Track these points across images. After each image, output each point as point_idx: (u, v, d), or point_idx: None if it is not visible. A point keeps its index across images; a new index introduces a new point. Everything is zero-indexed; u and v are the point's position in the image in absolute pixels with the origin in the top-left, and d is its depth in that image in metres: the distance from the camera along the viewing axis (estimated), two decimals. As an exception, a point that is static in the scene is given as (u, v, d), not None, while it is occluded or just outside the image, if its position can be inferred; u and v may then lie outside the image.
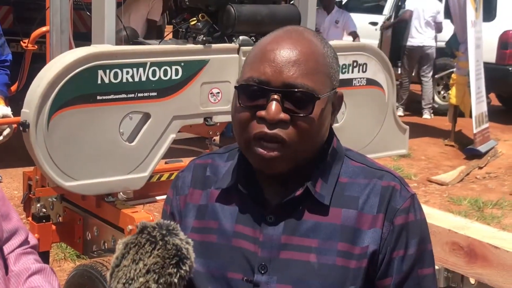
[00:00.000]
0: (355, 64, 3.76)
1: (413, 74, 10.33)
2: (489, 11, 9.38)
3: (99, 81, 3.01)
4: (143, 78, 3.12)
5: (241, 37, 3.42)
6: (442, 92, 10.38)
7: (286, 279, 1.42)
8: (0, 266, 1.57)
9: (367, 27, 11.09)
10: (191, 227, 1.52)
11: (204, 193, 1.54)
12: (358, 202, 1.44)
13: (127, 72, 3.07)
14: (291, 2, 3.84)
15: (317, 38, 1.47)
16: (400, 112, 9.61)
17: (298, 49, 1.41)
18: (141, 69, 3.11)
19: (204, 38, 3.32)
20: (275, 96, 1.38)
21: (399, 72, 10.01)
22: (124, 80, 3.07)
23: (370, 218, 1.43)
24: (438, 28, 9.91)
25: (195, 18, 3.39)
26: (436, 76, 10.34)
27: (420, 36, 9.89)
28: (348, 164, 1.50)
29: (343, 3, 11.73)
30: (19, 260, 1.70)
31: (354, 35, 9.07)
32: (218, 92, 3.36)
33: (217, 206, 1.51)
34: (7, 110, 3.48)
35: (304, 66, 1.40)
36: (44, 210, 3.67)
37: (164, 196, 1.72)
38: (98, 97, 3.02)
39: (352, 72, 3.75)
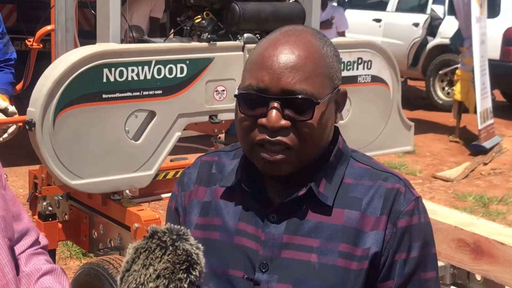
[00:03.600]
0: (360, 61, 3.75)
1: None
2: (493, 8, 9.36)
3: (104, 80, 3.02)
4: (148, 76, 3.12)
5: (245, 35, 3.42)
6: (446, 88, 10.36)
7: (286, 278, 1.41)
8: (11, 267, 1.56)
9: (371, 23, 11.08)
10: (194, 224, 1.52)
11: (209, 190, 1.54)
12: (362, 204, 1.43)
13: (132, 70, 3.08)
14: (295, -1, 3.83)
15: (316, 38, 1.44)
16: None
17: (296, 53, 1.39)
18: (146, 67, 3.11)
19: (209, 36, 3.33)
20: (275, 104, 1.37)
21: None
22: (130, 79, 3.08)
23: (373, 220, 1.41)
24: None
25: (199, 16, 3.38)
26: (440, 72, 10.33)
27: None
28: (353, 165, 1.48)
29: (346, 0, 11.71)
30: (30, 261, 1.69)
31: (343, 36, 8.87)
32: (223, 90, 3.36)
33: (221, 203, 1.51)
34: (12, 109, 3.48)
35: (302, 70, 1.38)
36: (50, 208, 3.67)
37: (170, 194, 1.72)
38: (104, 96, 3.03)
39: (357, 69, 3.75)
